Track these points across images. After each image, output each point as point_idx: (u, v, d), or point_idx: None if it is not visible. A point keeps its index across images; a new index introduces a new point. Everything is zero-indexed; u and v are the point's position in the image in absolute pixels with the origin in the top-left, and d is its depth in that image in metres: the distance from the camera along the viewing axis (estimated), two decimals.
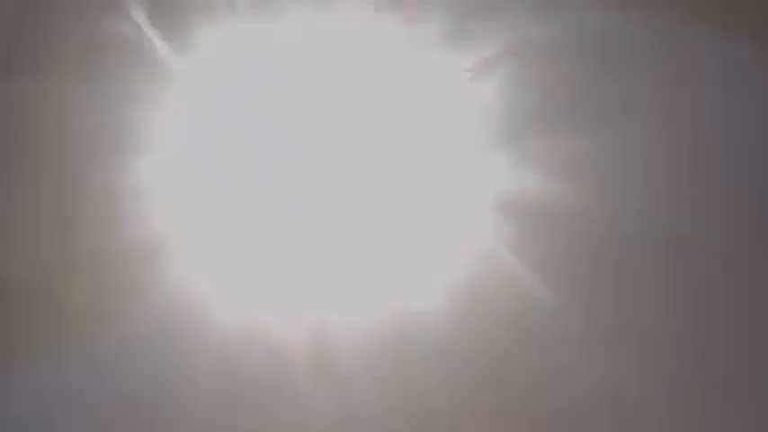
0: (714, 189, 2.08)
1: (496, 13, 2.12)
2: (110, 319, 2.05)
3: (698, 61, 2.10)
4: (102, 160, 2.08)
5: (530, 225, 2.05)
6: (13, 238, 2.07)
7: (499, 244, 2.04)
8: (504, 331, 2.01)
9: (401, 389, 1.99)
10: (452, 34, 2.11)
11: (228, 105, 2.14)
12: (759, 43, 2.13)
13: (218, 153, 2.13)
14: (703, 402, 1.96)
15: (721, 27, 2.12)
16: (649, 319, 2.00)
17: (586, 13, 2.12)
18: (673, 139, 2.09)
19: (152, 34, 2.09)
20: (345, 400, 1.98)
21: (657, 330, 1.99)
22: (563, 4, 2.14)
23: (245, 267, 2.09)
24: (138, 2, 2.10)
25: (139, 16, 2.09)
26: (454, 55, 2.12)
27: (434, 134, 2.13)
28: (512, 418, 1.99)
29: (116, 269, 2.04)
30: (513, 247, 2.04)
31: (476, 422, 1.98)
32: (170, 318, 2.03)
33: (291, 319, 2.04)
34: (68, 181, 2.09)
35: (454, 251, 2.06)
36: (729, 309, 2.01)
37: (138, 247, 2.04)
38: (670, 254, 2.03)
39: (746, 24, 2.13)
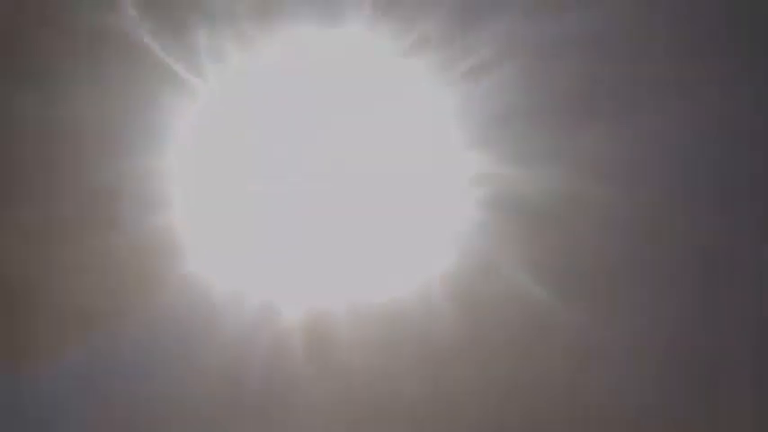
0: (713, 190, 2.08)
1: (492, 14, 2.12)
2: (112, 318, 2.05)
3: (697, 64, 2.10)
4: (105, 160, 2.09)
5: (528, 224, 2.05)
6: (15, 238, 2.07)
7: (498, 243, 2.05)
8: (502, 328, 2.02)
9: (398, 382, 2.01)
10: (447, 35, 2.11)
11: (230, 105, 2.15)
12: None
13: (217, 153, 2.14)
14: (711, 407, 1.97)
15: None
16: (649, 321, 2.00)
17: (584, 12, 2.12)
18: (673, 139, 2.09)
19: (157, 35, 2.10)
20: (346, 391, 2.00)
21: (656, 331, 2.00)
22: (560, 4, 2.14)
23: (245, 266, 2.11)
24: (145, 4, 2.10)
25: (147, 18, 2.10)
26: (450, 55, 2.12)
27: (433, 134, 2.13)
28: (509, 413, 2.00)
29: (119, 269, 2.05)
30: (512, 245, 2.05)
31: (474, 419, 2.00)
32: (172, 317, 2.04)
33: (294, 315, 2.06)
34: (70, 180, 2.09)
35: (454, 249, 2.08)
36: (751, 311, 2.01)
37: (140, 246, 2.05)
38: (666, 254, 2.04)
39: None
